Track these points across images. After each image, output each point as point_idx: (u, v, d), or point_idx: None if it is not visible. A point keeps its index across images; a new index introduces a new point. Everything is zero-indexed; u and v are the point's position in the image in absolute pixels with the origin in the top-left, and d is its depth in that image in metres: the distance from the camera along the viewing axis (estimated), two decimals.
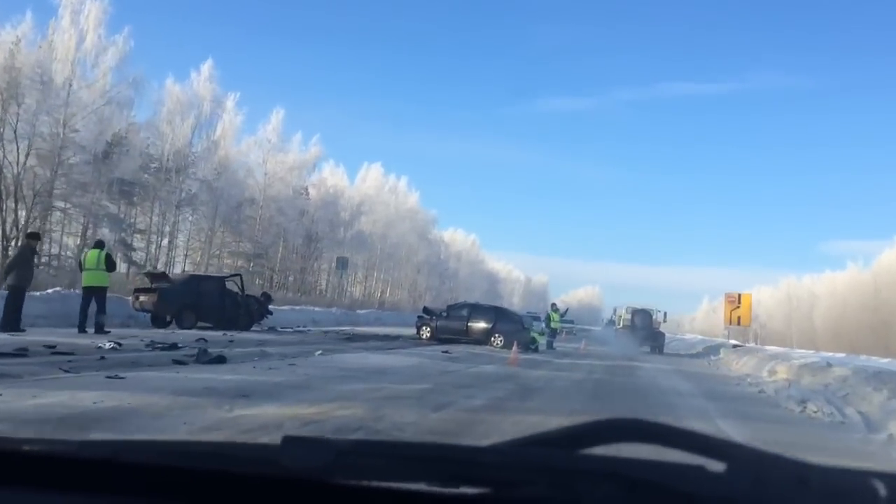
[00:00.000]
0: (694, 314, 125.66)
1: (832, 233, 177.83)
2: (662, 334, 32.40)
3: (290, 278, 45.95)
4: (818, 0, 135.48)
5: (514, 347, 16.21)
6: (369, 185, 53.65)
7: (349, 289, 55.08)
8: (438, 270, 64.98)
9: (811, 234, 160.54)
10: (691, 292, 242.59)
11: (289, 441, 0.95)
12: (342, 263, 32.86)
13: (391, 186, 56.67)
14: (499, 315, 22.71)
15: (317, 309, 30.95)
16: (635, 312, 33.00)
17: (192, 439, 3.41)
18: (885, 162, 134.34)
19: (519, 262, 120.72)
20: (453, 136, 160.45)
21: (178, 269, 36.25)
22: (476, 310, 23.08)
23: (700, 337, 52.98)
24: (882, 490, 0.85)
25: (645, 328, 31.67)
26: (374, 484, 0.95)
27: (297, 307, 29.91)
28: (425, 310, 24.23)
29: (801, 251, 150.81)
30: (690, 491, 0.87)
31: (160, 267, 34.61)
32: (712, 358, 25.97)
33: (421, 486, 0.93)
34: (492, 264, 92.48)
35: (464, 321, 22.18)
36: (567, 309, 27.64)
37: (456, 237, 76.38)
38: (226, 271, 42.78)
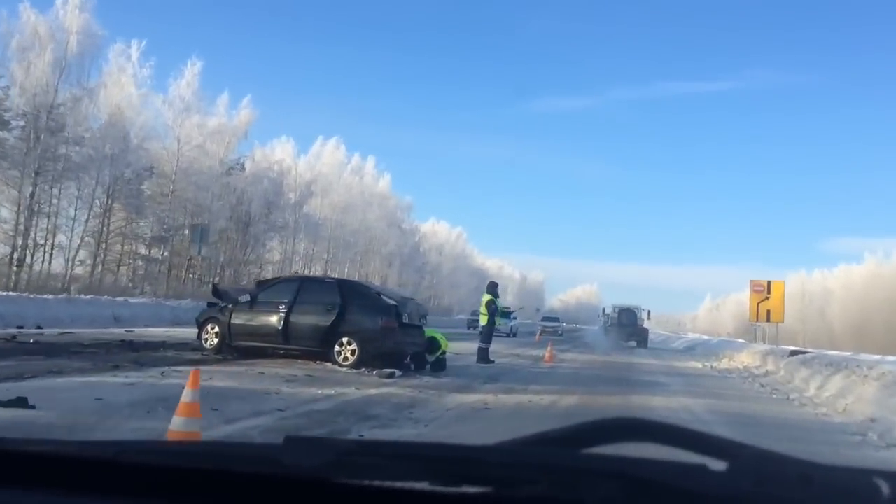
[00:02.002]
0: (696, 313, 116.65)
1: (832, 230, 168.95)
2: (646, 330, 34.20)
3: (229, 271, 35.96)
4: None
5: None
6: (325, 162, 44.18)
7: None
8: (416, 264, 55.12)
9: (810, 232, 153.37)
10: (692, 291, 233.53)
11: (290, 441, 0.94)
12: (200, 234, 23.18)
13: (355, 166, 47.21)
14: (349, 298, 11.49)
15: (137, 301, 21.25)
16: (621, 311, 34.18)
17: (194, 440, 3.44)
18: (883, 158, 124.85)
19: (516, 262, 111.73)
20: (448, 135, 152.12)
21: (59, 261, 26.46)
22: (307, 289, 11.91)
23: (712, 339, 42.66)
24: (885, 489, 0.84)
25: (630, 325, 33.09)
26: (376, 483, 0.93)
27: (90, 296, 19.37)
28: (215, 291, 13.41)
29: (801, 249, 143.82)
30: (692, 490, 0.85)
31: (16, 253, 24.70)
32: (756, 373, 16.16)
33: (423, 486, 0.91)
34: (481, 260, 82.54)
35: (281, 313, 11.44)
36: (496, 284, 15.06)
37: (438, 229, 67.60)
38: (127, 264, 33.06)
